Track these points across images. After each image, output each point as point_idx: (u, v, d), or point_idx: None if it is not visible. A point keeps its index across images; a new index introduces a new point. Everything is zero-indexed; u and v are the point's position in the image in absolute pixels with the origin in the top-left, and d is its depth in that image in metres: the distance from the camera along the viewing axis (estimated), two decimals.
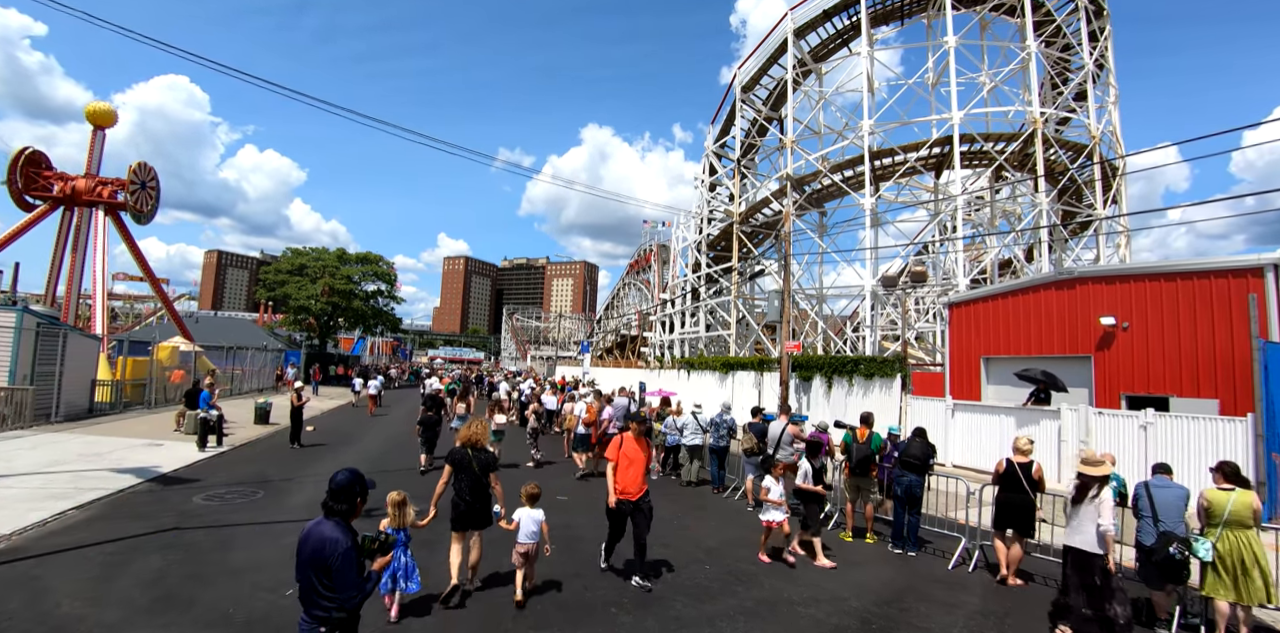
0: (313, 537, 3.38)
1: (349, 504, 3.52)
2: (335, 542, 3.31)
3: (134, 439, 14.82)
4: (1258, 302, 10.74)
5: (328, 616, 3.30)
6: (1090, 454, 6.62)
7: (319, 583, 3.30)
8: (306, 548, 3.37)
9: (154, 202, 28.30)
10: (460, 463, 6.27)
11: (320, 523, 3.45)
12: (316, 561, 3.31)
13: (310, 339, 50.28)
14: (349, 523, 3.52)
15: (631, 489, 6.77)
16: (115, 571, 6.45)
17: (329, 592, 3.30)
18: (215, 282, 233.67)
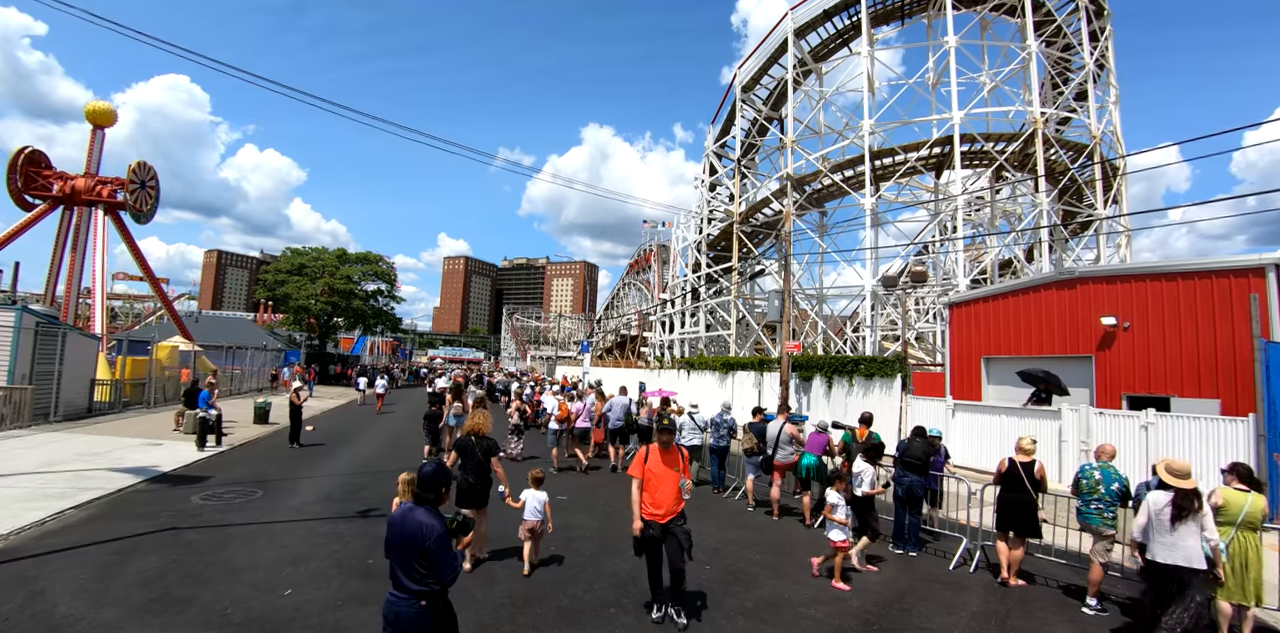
0: (407, 523, 3.69)
1: (436, 493, 3.84)
2: (430, 527, 3.64)
3: (133, 439, 14.79)
4: (1259, 301, 10.71)
5: (427, 590, 3.64)
6: (1173, 463, 5.91)
7: (416, 563, 3.62)
8: (402, 533, 3.68)
9: (154, 201, 28.28)
10: (465, 449, 7.17)
11: (412, 510, 3.77)
12: (413, 544, 3.62)
13: (310, 339, 50.25)
14: (438, 509, 3.83)
15: (661, 510, 5.78)
16: (113, 570, 6.42)
17: (425, 570, 3.62)
18: (215, 281, 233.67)
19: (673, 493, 5.84)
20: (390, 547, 3.74)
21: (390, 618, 3.66)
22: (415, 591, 3.63)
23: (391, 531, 3.75)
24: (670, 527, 5.80)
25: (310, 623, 5.36)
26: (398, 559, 3.69)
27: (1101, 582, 6.75)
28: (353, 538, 7.89)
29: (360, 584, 6.30)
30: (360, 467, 12.95)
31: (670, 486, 5.85)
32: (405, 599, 3.63)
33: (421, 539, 3.60)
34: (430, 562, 3.61)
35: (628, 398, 15.45)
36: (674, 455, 6.00)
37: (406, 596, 3.64)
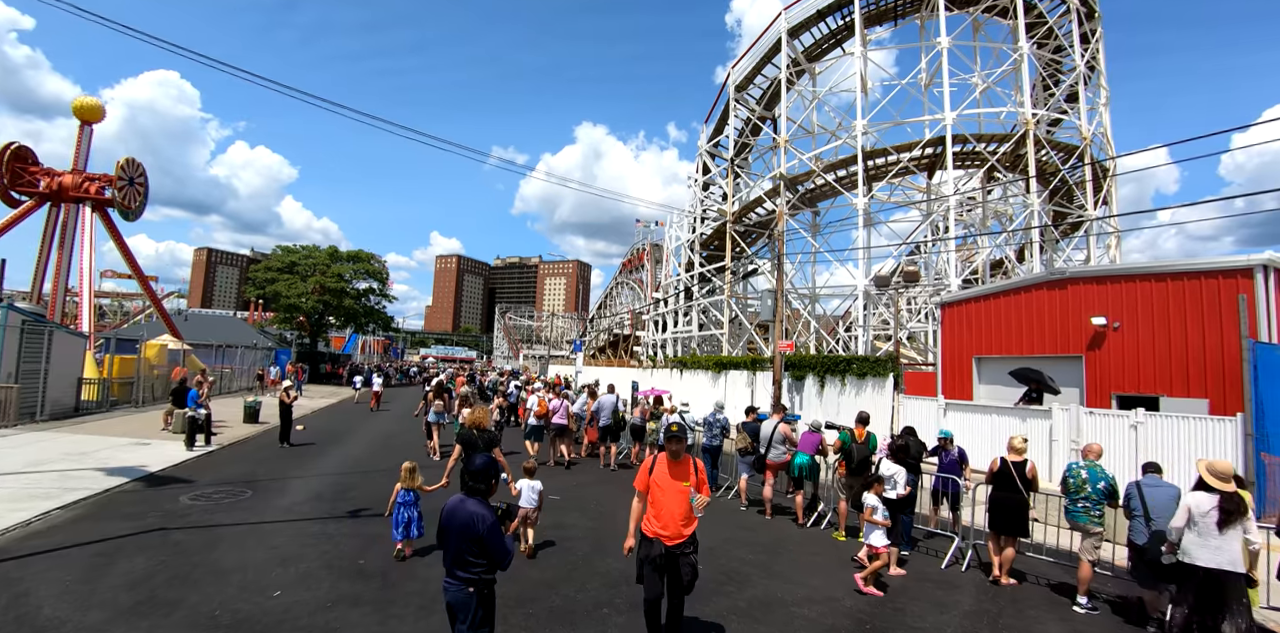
0: (459, 514, 3.93)
1: (486, 484, 4.09)
2: (483, 517, 3.88)
3: (121, 438, 14.64)
4: (1247, 302, 10.80)
5: (477, 577, 3.89)
6: (1215, 464, 5.70)
7: (468, 551, 3.87)
8: (455, 523, 3.93)
9: (142, 198, 27.98)
10: (468, 441, 7.79)
11: (464, 501, 4.00)
12: (467, 533, 3.86)
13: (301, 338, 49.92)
14: (488, 499, 4.07)
15: (669, 531, 4.90)
16: (99, 572, 6.34)
17: (478, 558, 3.88)
18: (205, 279, 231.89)
19: (681, 510, 4.95)
20: (444, 536, 3.99)
21: (447, 600, 3.98)
22: (465, 578, 3.89)
23: (445, 521, 4.00)
24: (680, 553, 4.89)
25: (300, 624, 5.31)
26: (451, 548, 3.94)
27: (1091, 580, 6.79)
28: (343, 538, 7.83)
29: (351, 585, 6.25)
30: (351, 466, 12.87)
31: (679, 502, 4.97)
32: (456, 585, 3.91)
33: (475, 529, 3.84)
34: (484, 549, 3.86)
35: (615, 396, 15.43)
36: (685, 467, 5.12)
37: (458, 583, 3.90)
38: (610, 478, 12.98)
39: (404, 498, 7.32)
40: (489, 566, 3.92)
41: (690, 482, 5.08)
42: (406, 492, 7.31)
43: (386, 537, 7.92)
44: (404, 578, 6.51)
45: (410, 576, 6.60)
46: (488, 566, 3.91)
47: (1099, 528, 6.95)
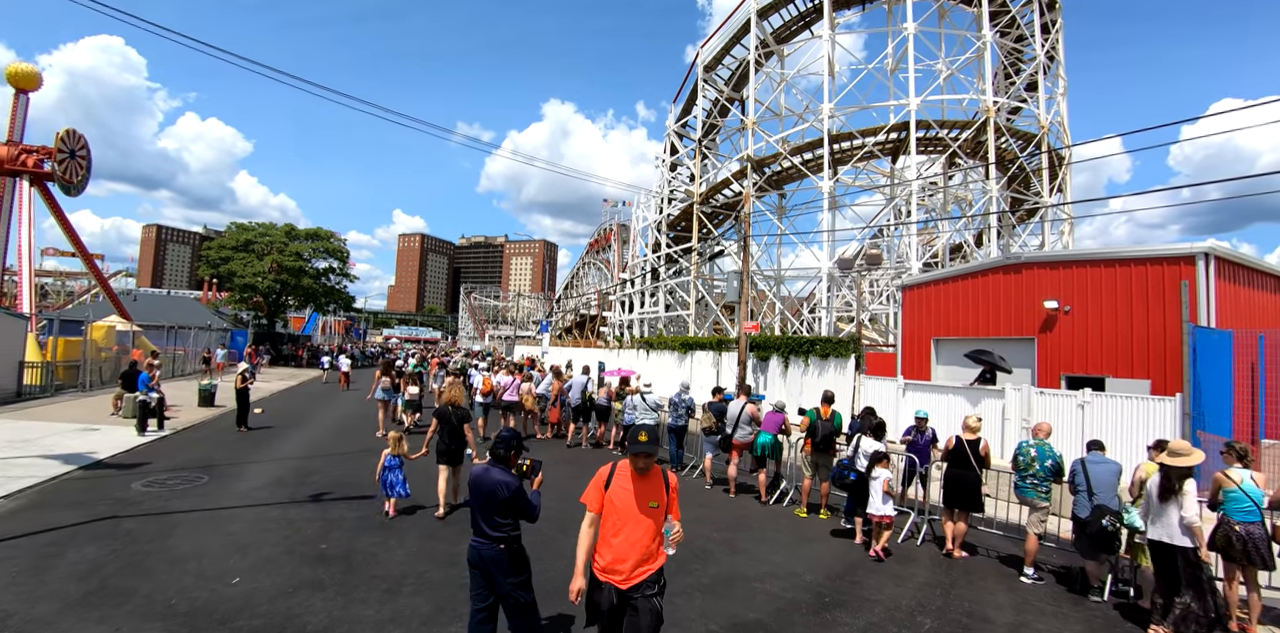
0: (485, 481, 4.39)
1: (506, 451, 4.56)
2: (507, 484, 4.35)
3: (67, 424, 14.10)
4: (1189, 288, 11.29)
5: (505, 535, 4.34)
6: (1179, 445, 5.87)
7: (495, 513, 4.32)
8: (482, 490, 4.37)
9: (85, 172, 26.59)
10: (443, 417, 8.62)
11: (489, 470, 4.46)
12: (493, 498, 4.32)
13: (258, 318, 48.56)
14: (509, 465, 4.54)
15: (623, 569, 3.75)
16: (47, 562, 6.14)
17: (504, 518, 4.35)
18: (155, 258, 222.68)
19: (644, 542, 3.79)
20: (473, 501, 4.44)
21: (475, 560, 4.33)
22: (495, 536, 4.31)
23: (473, 487, 4.44)
24: (633, 597, 3.74)
25: (260, 611, 5.23)
26: (479, 511, 4.37)
27: (1037, 552, 7.12)
28: (304, 523, 7.72)
29: (313, 570, 6.17)
30: (312, 450, 12.65)
31: (643, 531, 3.80)
32: (487, 544, 4.31)
33: (501, 494, 4.31)
34: (512, 510, 4.35)
35: (587, 377, 15.46)
36: (655, 486, 3.93)
37: (488, 541, 4.31)
38: (573, 458, 13.05)
39: (390, 463, 8.23)
40: (515, 523, 4.42)
41: (660, 503, 3.89)
42: (393, 457, 8.22)
43: (349, 521, 7.87)
44: (367, 562, 6.46)
45: (373, 560, 6.55)
46: (514, 523, 4.41)
47: (1045, 503, 7.28)
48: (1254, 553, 5.74)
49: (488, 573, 4.32)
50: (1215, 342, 11.08)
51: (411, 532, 7.55)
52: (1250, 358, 11.48)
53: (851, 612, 5.84)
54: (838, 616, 5.74)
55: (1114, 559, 6.74)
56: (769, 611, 5.79)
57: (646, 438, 3.94)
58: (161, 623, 4.96)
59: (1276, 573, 6.26)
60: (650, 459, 3.94)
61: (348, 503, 8.73)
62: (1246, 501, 5.86)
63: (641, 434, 3.94)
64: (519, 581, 4.38)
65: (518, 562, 4.41)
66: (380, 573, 6.18)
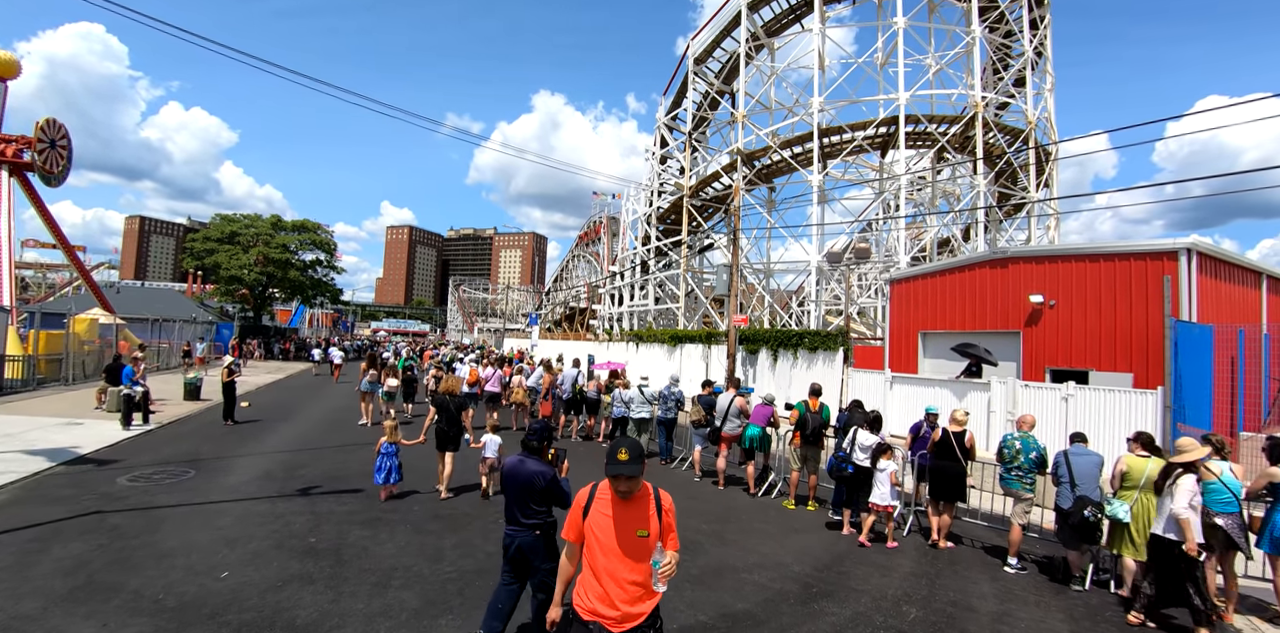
0: (522, 471, 4.62)
1: (540, 442, 4.78)
2: (543, 474, 4.60)
3: (50, 418, 13.94)
4: (1171, 283, 11.44)
5: (541, 521, 4.60)
6: (1184, 443, 5.97)
7: (530, 500, 4.57)
8: (517, 480, 4.60)
9: (66, 162, 26.09)
10: (442, 405, 9.20)
11: (523, 461, 4.68)
12: (528, 487, 4.56)
13: (244, 311, 48.08)
14: (542, 456, 4.77)
15: (614, 610, 3.18)
16: (32, 558, 6.09)
17: (539, 506, 4.59)
18: (138, 249, 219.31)
19: (632, 578, 3.21)
20: (508, 490, 4.65)
21: (510, 546, 4.59)
22: (530, 524, 4.57)
23: (508, 477, 4.67)
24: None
25: (249, 605, 5.23)
26: (515, 500, 4.60)
27: (1021, 542, 7.24)
28: (293, 517, 7.70)
29: (302, 564, 6.17)
30: (300, 444, 12.59)
31: (629, 566, 3.22)
32: (524, 531, 4.56)
33: (536, 485, 4.56)
34: (548, 498, 4.60)
35: (578, 370, 15.48)
36: (641, 511, 3.34)
37: (525, 528, 4.57)
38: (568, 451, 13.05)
39: (387, 449, 8.64)
40: (549, 510, 4.67)
41: (650, 532, 3.29)
42: (389, 444, 8.64)
43: (338, 515, 7.86)
44: (357, 556, 6.46)
45: (363, 553, 6.55)
46: (548, 510, 4.66)
47: (1030, 494, 7.39)
48: (1231, 542, 5.88)
49: (523, 559, 4.58)
50: (1196, 336, 11.25)
51: (401, 526, 7.56)
52: (1230, 352, 11.69)
53: (839, 602, 5.92)
54: (825, 606, 5.82)
55: (1095, 550, 6.86)
56: (757, 601, 5.86)
57: (627, 455, 3.22)
58: (150, 618, 4.94)
59: (1253, 562, 6.40)
60: (634, 482, 3.28)
61: (336, 497, 8.71)
62: (1225, 492, 5.99)
63: (621, 451, 3.22)
64: (552, 567, 4.56)
65: (551, 547, 4.65)
66: (370, 567, 6.19)
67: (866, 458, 8.18)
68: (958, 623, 5.60)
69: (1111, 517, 6.43)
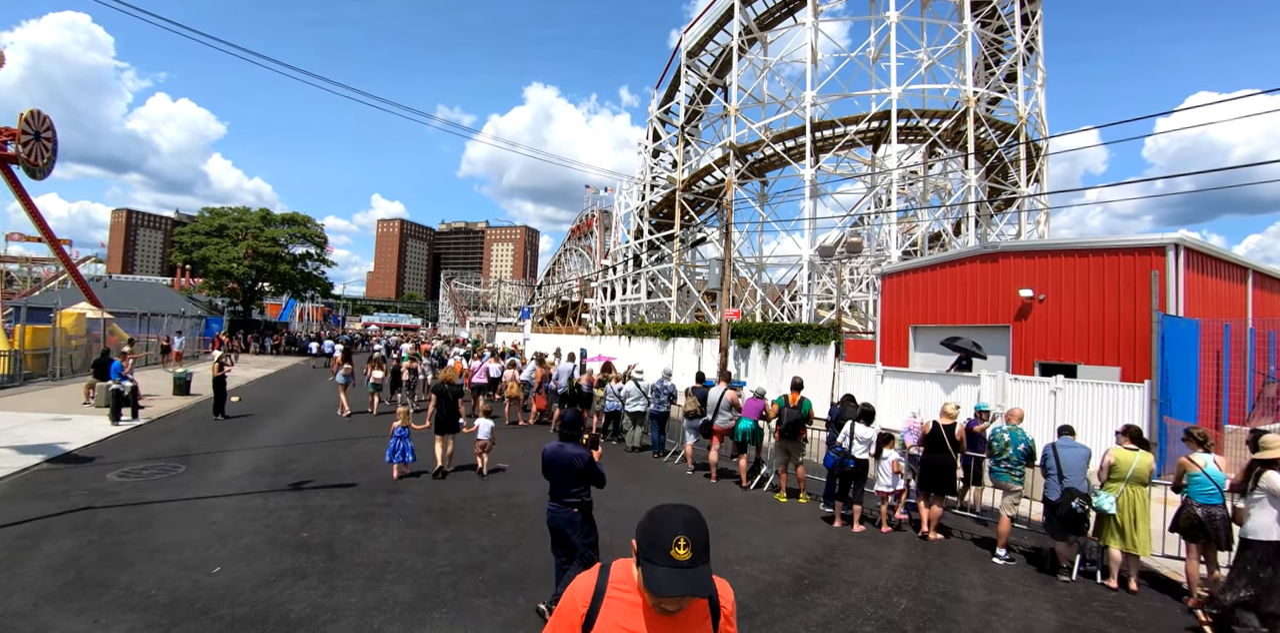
0: (562, 455, 5.15)
1: (575, 430, 5.35)
2: (581, 456, 5.15)
3: (38, 414, 13.81)
4: (1159, 278, 11.56)
5: (579, 500, 5.15)
6: (1272, 439, 5.63)
7: (571, 483, 5.12)
8: (559, 463, 5.14)
9: (51, 154, 25.65)
10: (441, 393, 10.19)
11: (562, 446, 5.21)
12: (568, 469, 5.10)
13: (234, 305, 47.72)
14: (579, 441, 5.31)
15: None
16: (21, 554, 6.05)
17: (578, 486, 5.15)
18: (125, 243, 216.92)
19: None
20: (550, 473, 5.19)
21: (553, 523, 5.17)
22: (570, 502, 5.13)
23: (549, 461, 5.19)
24: None
25: (242, 600, 5.22)
26: (556, 481, 5.16)
27: (1009, 534, 7.32)
28: (285, 512, 7.68)
29: (294, 559, 6.16)
30: (291, 438, 12.54)
31: None
32: (564, 509, 5.13)
33: (576, 467, 5.10)
34: (585, 479, 5.16)
35: (573, 365, 15.50)
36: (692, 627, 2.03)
37: (565, 506, 5.13)
38: None
39: (400, 433, 9.55)
40: (587, 490, 5.22)
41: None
42: (402, 428, 9.57)
43: (331, 509, 7.85)
44: (350, 550, 6.46)
45: (356, 547, 6.55)
46: (586, 490, 5.21)
47: (1019, 486, 7.47)
48: (1215, 534, 5.97)
49: (563, 535, 5.14)
50: (1183, 330, 11.39)
51: (394, 520, 7.56)
52: (1216, 346, 11.84)
53: (830, 593, 5.98)
54: (816, 597, 5.88)
55: (1082, 541, 6.95)
56: (750, 592, 5.90)
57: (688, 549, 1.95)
58: (142, 614, 4.93)
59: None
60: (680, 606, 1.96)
61: (328, 491, 8.70)
62: (1210, 484, 6.08)
63: (679, 543, 1.97)
64: (590, 541, 5.21)
65: (588, 523, 5.23)
66: (363, 561, 6.19)
67: (865, 451, 8.27)
68: (947, 613, 5.67)
69: (1097, 508, 6.52)
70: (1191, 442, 6.39)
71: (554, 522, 5.17)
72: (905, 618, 5.52)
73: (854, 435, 8.38)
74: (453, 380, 10.52)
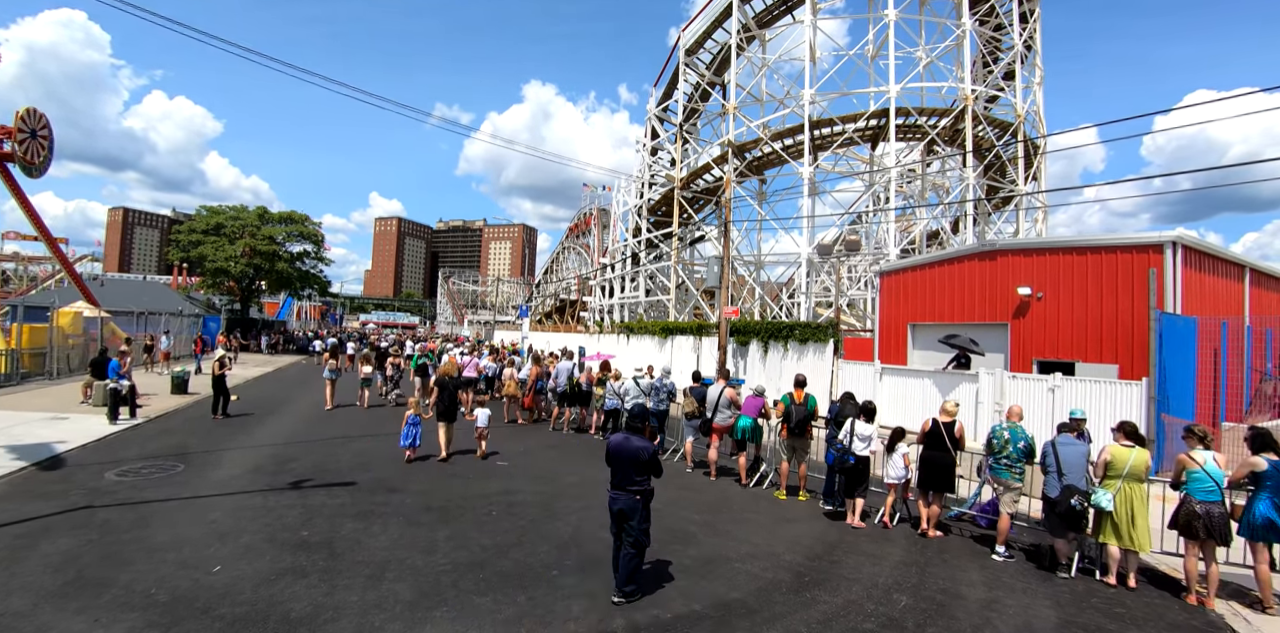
0: (628, 447, 5.64)
1: (641, 424, 5.92)
2: (646, 448, 5.64)
3: (35, 413, 13.77)
4: (1156, 276, 11.58)
5: (641, 488, 5.60)
6: None
7: (635, 472, 5.58)
8: (625, 453, 5.61)
9: (47, 152, 25.54)
10: (443, 385, 11.16)
11: (628, 438, 5.71)
12: (635, 460, 5.58)
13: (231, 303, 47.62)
14: (644, 434, 5.83)
15: None
16: (20, 554, 6.03)
17: (640, 476, 5.60)
18: (122, 241, 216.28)
19: None
20: (614, 461, 5.67)
21: (615, 509, 5.60)
22: (634, 490, 5.57)
23: (615, 452, 5.67)
24: None
25: (243, 599, 5.21)
26: (620, 470, 5.63)
27: (1009, 531, 7.34)
28: (285, 510, 7.67)
29: (295, 557, 6.15)
30: (290, 437, 12.52)
31: None
32: (627, 496, 5.57)
33: (641, 457, 5.59)
34: (649, 468, 5.63)
35: (572, 363, 15.48)
36: None
37: (628, 494, 5.57)
38: (555, 444, 13.10)
39: (412, 421, 10.59)
40: (648, 478, 5.66)
41: None
42: (414, 417, 10.63)
43: (331, 508, 7.85)
44: (350, 549, 6.46)
45: (356, 546, 6.54)
46: (647, 478, 5.64)
47: (1019, 484, 7.49)
48: (1214, 530, 5.99)
49: (623, 519, 5.56)
50: (1180, 328, 11.41)
51: (394, 518, 7.55)
52: (1213, 344, 11.87)
53: (830, 590, 5.99)
54: (817, 594, 5.89)
55: (1081, 537, 6.97)
56: (750, 590, 5.91)
57: None
58: (142, 613, 4.92)
59: (1233, 549, 6.52)
60: None
61: (328, 490, 8.69)
62: (1208, 481, 6.10)
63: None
64: (644, 527, 5.63)
65: (646, 509, 5.66)
66: (363, 559, 6.18)
67: (866, 447, 8.31)
68: (947, 610, 5.68)
69: (1095, 505, 6.54)
70: (1191, 439, 6.40)
71: (614, 506, 5.60)
72: (905, 615, 5.53)
73: (854, 432, 8.40)
74: (452, 374, 11.73)
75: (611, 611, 5.31)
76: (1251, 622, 5.72)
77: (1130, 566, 6.53)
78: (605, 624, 5.07)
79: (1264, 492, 5.96)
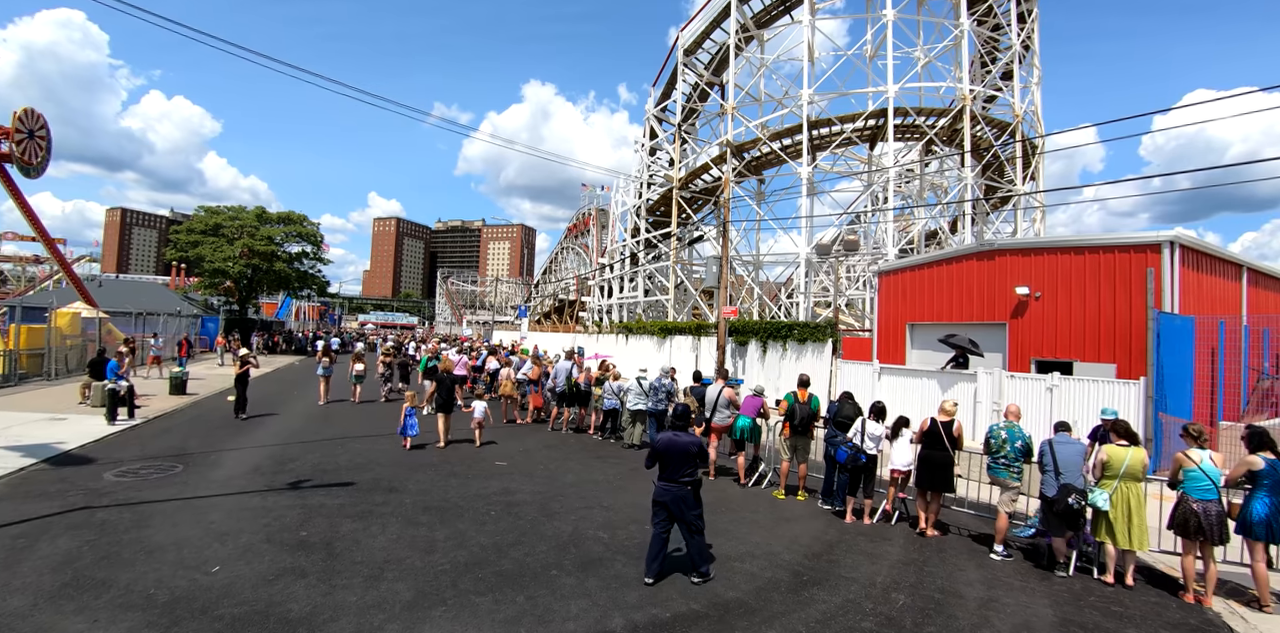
0: (679, 442, 6.13)
1: (686, 422, 6.41)
2: (696, 442, 6.24)
3: (33, 413, 13.76)
4: (1154, 275, 11.61)
5: (692, 479, 6.10)
6: None
7: (686, 465, 6.09)
8: (676, 448, 6.10)
9: (45, 153, 25.50)
10: (440, 381, 12.30)
11: (677, 435, 6.19)
12: (685, 453, 6.10)
13: (229, 304, 47.54)
14: (690, 431, 6.41)
15: None
16: (19, 554, 6.03)
17: (690, 467, 6.11)
18: (120, 242, 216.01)
19: None
20: (665, 456, 6.12)
21: (665, 499, 6.03)
22: (685, 481, 6.05)
23: (668, 447, 6.12)
24: None
25: (242, 599, 5.22)
26: (671, 464, 6.09)
27: (1007, 530, 7.36)
28: (284, 511, 7.67)
29: (294, 558, 6.16)
30: (290, 437, 12.52)
31: None
32: (678, 487, 6.04)
33: (691, 450, 6.14)
34: (695, 462, 6.16)
35: (571, 363, 15.46)
36: None
37: (679, 484, 6.05)
38: (554, 443, 13.10)
39: (409, 412, 11.65)
40: (696, 469, 6.18)
41: None
42: (411, 409, 11.69)
43: (330, 508, 7.85)
44: (349, 549, 6.46)
45: (355, 546, 6.55)
46: (695, 469, 6.17)
47: (1017, 483, 7.50)
48: (1210, 529, 6.01)
49: (676, 507, 6.01)
50: (1178, 327, 11.43)
51: (393, 518, 7.56)
52: (1211, 343, 11.89)
53: (829, 589, 6.00)
54: (815, 593, 5.90)
55: (1079, 536, 6.99)
56: (749, 589, 5.92)
57: None
58: (141, 613, 4.92)
59: (1230, 548, 6.54)
60: None
61: (327, 490, 8.69)
62: (1205, 479, 6.12)
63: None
64: (698, 512, 6.14)
65: (698, 497, 6.17)
66: (362, 559, 6.19)
67: (875, 447, 8.37)
68: (946, 609, 5.69)
69: (1092, 505, 6.56)
70: (1187, 438, 6.42)
71: (665, 498, 6.02)
72: (904, 614, 5.54)
73: (865, 432, 8.43)
74: (450, 370, 13.21)
75: (610, 610, 5.32)
76: (1249, 620, 5.74)
77: (1128, 564, 6.55)
78: (604, 624, 5.08)
79: (1261, 490, 5.98)
